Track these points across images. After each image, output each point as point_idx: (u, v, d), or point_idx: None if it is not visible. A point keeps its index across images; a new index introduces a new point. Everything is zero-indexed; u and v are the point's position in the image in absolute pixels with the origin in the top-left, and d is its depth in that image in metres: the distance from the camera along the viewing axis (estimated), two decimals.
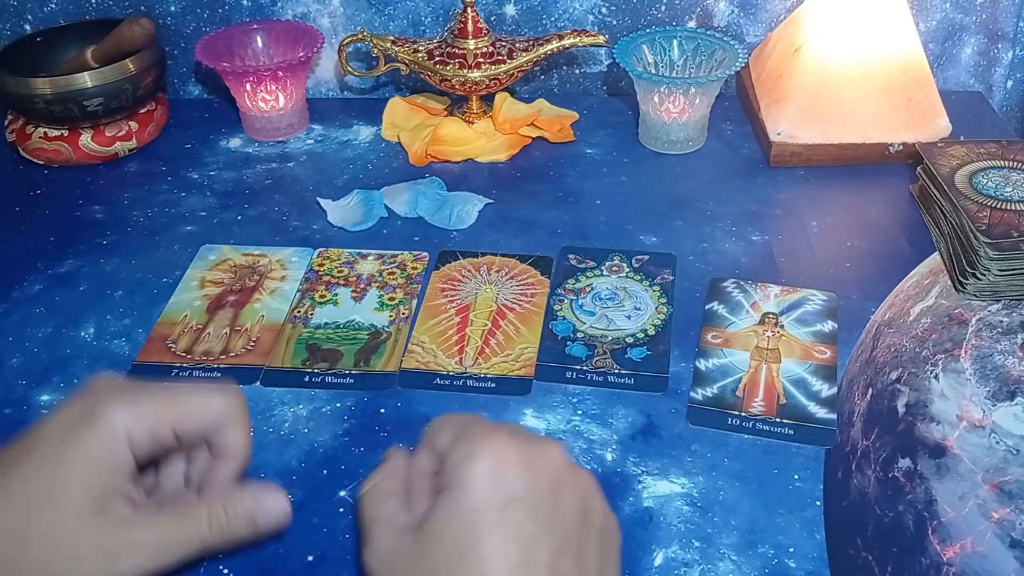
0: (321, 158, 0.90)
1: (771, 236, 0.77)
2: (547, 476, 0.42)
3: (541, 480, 0.42)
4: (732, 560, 0.52)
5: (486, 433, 0.43)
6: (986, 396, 0.47)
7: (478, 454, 0.42)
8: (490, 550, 0.39)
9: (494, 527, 0.40)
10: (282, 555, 0.53)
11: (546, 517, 0.41)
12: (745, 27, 0.96)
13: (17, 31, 0.97)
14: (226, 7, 0.96)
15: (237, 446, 0.47)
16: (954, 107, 0.86)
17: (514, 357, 0.65)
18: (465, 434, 0.43)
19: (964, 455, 0.45)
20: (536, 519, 0.41)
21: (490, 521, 0.40)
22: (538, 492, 0.41)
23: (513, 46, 0.87)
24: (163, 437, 0.44)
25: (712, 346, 0.66)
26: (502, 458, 0.42)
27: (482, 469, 0.41)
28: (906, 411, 0.50)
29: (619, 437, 0.60)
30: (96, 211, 0.83)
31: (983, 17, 0.93)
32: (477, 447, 0.42)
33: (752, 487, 0.56)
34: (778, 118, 0.85)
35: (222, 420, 0.46)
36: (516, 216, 0.81)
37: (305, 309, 0.70)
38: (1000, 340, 0.50)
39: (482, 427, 0.44)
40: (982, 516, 0.43)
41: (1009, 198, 0.64)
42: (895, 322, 0.58)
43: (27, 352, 0.68)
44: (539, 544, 0.40)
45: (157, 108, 0.93)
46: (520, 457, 0.42)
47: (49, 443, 0.41)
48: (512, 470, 0.41)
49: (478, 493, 0.41)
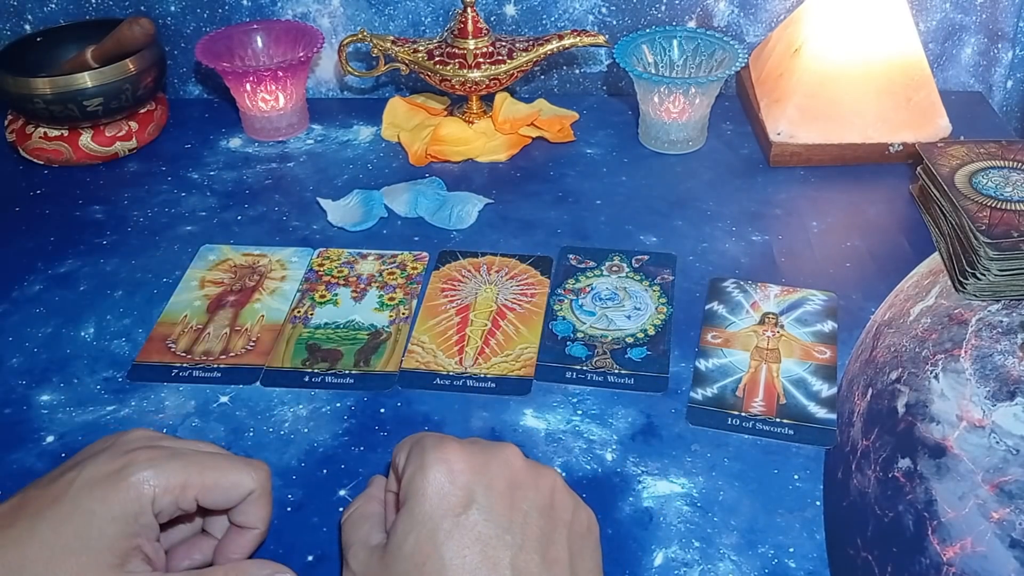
0: (321, 158, 0.90)
1: (771, 236, 0.77)
2: (503, 479, 0.43)
3: (496, 483, 0.43)
4: (732, 560, 0.52)
5: (435, 444, 0.44)
6: (986, 396, 0.47)
7: (429, 465, 0.43)
8: (449, 556, 0.41)
9: (451, 533, 0.41)
10: (282, 555, 0.53)
11: (504, 518, 0.42)
12: (745, 27, 0.96)
13: (17, 31, 0.97)
14: (226, 7, 0.96)
15: (258, 520, 0.48)
16: (954, 107, 0.86)
17: (514, 357, 0.65)
18: (417, 449, 0.44)
19: (964, 455, 0.45)
20: (493, 521, 0.42)
21: (446, 528, 0.41)
22: (494, 495, 0.42)
23: (513, 46, 0.87)
24: (187, 505, 0.45)
25: (712, 346, 0.66)
26: (453, 465, 0.43)
27: (434, 479, 0.42)
28: (906, 411, 0.50)
29: (619, 437, 0.60)
30: (96, 211, 0.83)
31: (983, 17, 0.93)
32: (428, 459, 0.43)
33: (752, 487, 0.56)
34: (778, 118, 0.85)
35: (248, 497, 0.47)
36: (516, 216, 0.81)
37: (305, 309, 0.70)
38: (1000, 340, 0.50)
39: (432, 439, 0.45)
40: (982, 516, 0.43)
41: (1009, 198, 0.64)
42: (895, 322, 0.58)
43: (27, 352, 0.68)
44: (499, 544, 0.41)
45: (157, 108, 0.93)
46: (471, 463, 0.43)
47: (79, 497, 0.42)
48: (464, 476, 0.43)
49: (432, 502, 0.42)
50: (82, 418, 0.62)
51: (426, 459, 0.43)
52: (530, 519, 0.43)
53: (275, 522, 0.55)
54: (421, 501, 0.42)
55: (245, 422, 0.61)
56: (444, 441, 0.44)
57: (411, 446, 0.45)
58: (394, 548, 0.42)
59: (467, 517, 0.41)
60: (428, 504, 0.42)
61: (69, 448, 0.60)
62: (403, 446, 0.47)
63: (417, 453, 0.44)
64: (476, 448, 0.44)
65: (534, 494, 0.44)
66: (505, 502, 0.42)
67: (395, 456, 0.47)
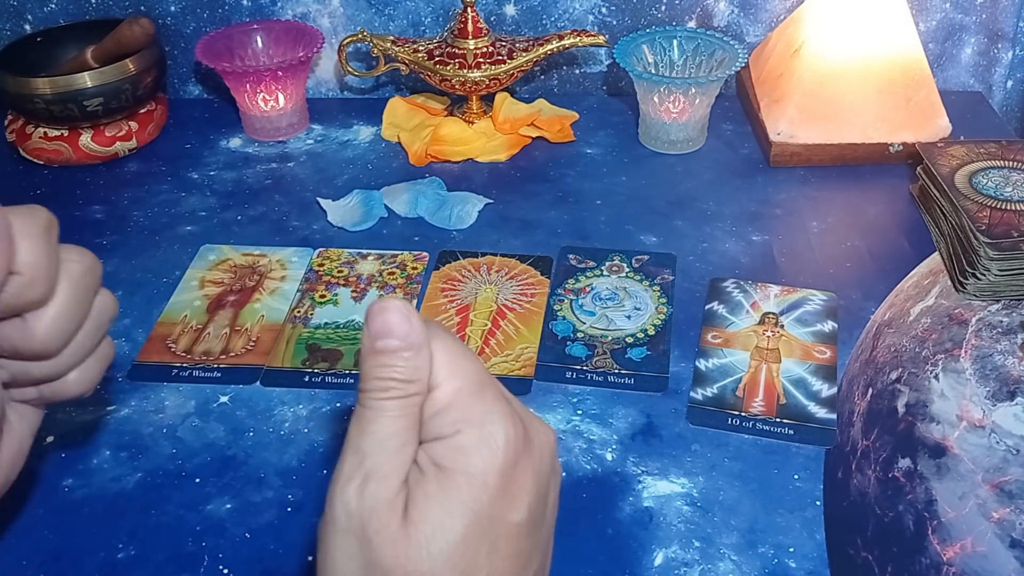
0: (321, 158, 0.90)
1: (771, 236, 0.77)
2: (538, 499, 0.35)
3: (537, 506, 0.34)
4: (732, 560, 0.52)
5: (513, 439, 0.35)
6: (986, 396, 0.47)
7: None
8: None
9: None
10: (282, 555, 0.53)
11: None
12: (745, 27, 0.96)
13: (17, 31, 0.97)
14: (226, 7, 0.96)
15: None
16: (954, 107, 0.86)
17: (514, 357, 0.65)
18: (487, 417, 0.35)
19: (964, 455, 0.45)
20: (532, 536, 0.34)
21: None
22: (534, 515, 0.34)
23: (513, 46, 0.87)
24: None
25: (712, 346, 0.66)
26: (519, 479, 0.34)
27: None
28: (906, 411, 0.50)
29: (619, 437, 0.60)
30: (96, 211, 0.83)
31: (983, 17, 0.93)
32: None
33: (752, 487, 0.56)
34: (778, 118, 0.85)
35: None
36: (516, 216, 0.81)
37: (305, 309, 0.70)
38: (1000, 340, 0.50)
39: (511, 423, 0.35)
40: (982, 516, 0.43)
41: (1009, 198, 0.64)
42: (895, 322, 0.58)
43: None
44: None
45: (157, 108, 0.93)
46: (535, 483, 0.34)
47: None
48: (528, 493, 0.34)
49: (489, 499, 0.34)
50: (82, 418, 0.62)
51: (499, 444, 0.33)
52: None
53: (275, 522, 0.55)
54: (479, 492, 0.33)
55: (245, 422, 0.61)
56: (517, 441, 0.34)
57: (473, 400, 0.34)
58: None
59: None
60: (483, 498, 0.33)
61: (69, 448, 0.60)
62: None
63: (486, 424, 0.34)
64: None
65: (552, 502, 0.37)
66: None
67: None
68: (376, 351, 0.34)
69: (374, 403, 0.33)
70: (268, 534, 0.54)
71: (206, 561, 0.53)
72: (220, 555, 0.53)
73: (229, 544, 0.54)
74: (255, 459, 0.59)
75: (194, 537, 0.54)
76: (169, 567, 0.52)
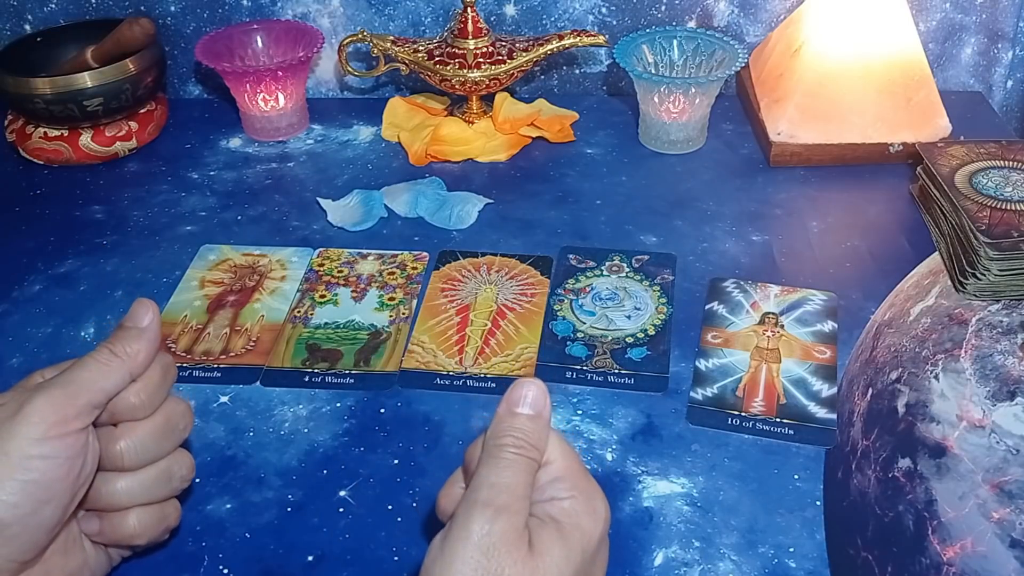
0: (321, 158, 0.90)
1: (771, 236, 0.77)
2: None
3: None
4: (732, 560, 0.52)
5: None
6: (986, 396, 0.47)
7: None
8: None
9: None
10: (282, 555, 0.53)
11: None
12: (745, 27, 0.96)
13: (17, 31, 0.97)
14: (226, 7, 0.96)
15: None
16: (954, 107, 0.86)
17: (514, 357, 0.65)
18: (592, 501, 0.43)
19: (964, 455, 0.45)
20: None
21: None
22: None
23: (513, 46, 0.87)
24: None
25: (712, 346, 0.66)
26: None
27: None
28: (906, 411, 0.50)
29: (619, 437, 0.60)
30: (96, 211, 0.83)
31: (983, 17, 0.93)
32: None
33: (752, 487, 0.56)
34: (778, 118, 0.85)
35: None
36: (516, 216, 0.81)
37: (305, 309, 0.70)
38: (1000, 340, 0.50)
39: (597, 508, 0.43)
40: (982, 516, 0.43)
41: (1009, 198, 0.64)
42: (895, 322, 0.58)
43: (27, 352, 0.68)
44: None
45: (157, 108, 0.93)
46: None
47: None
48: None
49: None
50: None
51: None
52: None
53: (275, 522, 0.55)
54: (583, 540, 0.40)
55: (245, 422, 0.61)
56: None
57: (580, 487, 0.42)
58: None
59: None
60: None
61: None
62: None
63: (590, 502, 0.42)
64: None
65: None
66: None
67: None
68: (513, 414, 0.41)
69: (509, 455, 0.40)
70: (268, 534, 0.54)
71: (206, 561, 0.53)
72: (220, 555, 0.53)
73: (229, 544, 0.54)
74: (255, 459, 0.59)
75: (194, 537, 0.54)
76: (169, 567, 0.52)
